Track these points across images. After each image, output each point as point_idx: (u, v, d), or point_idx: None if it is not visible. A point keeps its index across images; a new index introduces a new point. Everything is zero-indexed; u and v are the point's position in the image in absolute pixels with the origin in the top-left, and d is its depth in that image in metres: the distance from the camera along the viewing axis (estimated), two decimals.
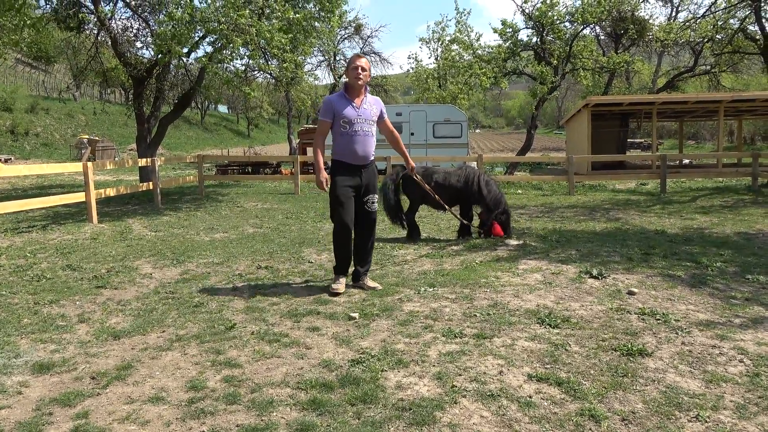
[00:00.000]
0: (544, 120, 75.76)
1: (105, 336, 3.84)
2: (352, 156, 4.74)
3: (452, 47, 21.00)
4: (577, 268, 5.51)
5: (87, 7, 12.97)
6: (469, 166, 7.67)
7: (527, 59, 19.66)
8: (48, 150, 29.73)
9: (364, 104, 4.76)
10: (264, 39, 11.06)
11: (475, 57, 18.83)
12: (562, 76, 18.84)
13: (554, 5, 17.59)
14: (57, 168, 10.35)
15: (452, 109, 20.53)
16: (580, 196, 12.87)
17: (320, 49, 29.35)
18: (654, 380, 3.02)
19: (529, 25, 18.68)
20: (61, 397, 2.92)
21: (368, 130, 4.79)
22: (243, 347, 3.58)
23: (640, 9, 22.45)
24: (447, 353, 3.42)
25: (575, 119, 21.23)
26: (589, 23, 18.57)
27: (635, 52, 25.43)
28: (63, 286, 5.19)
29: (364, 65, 4.75)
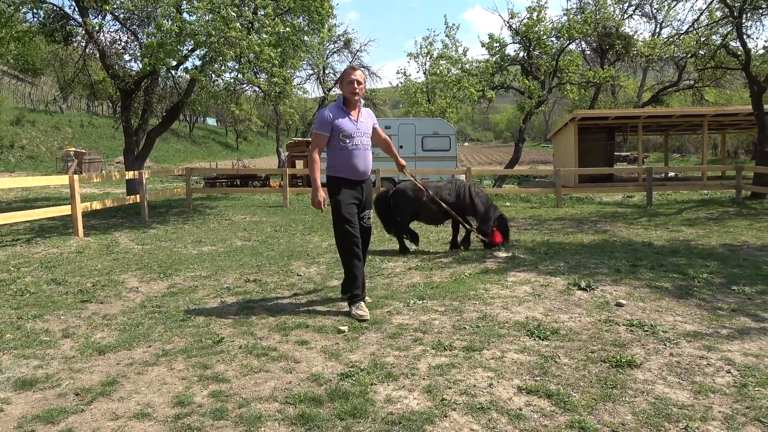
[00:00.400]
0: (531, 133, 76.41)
1: (90, 351, 3.78)
2: (353, 171, 4.57)
3: (440, 62, 21.19)
4: (565, 280, 5.53)
5: (75, 19, 12.96)
6: (458, 179, 7.74)
7: (514, 73, 19.89)
8: (34, 163, 29.44)
9: (360, 117, 4.62)
10: (254, 53, 11.09)
11: (462, 71, 19.01)
12: (549, 90, 19.07)
13: (540, 21, 17.85)
14: (43, 181, 10.24)
15: (441, 122, 20.65)
16: (568, 208, 12.97)
17: (309, 62, 29.46)
18: (643, 392, 3.03)
19: (516, 40, 18.93)
20: (44, 414, 2.86)
21: (367, 144, 4.65)
22: (231, 361, 3.54)
23: (624, 25, 22.84)
24: (437, 366, 3.41)
25: (562, 133, 21.45)
26: (574, 39, 18.87)
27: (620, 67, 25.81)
28: (47, 300, 5.11)
29: (360, 78, 4.59)
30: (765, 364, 3.36)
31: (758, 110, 13.70)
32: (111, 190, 19.33)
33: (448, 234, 8.84)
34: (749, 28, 14.88)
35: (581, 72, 19.70)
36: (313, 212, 11.86)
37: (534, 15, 17.75)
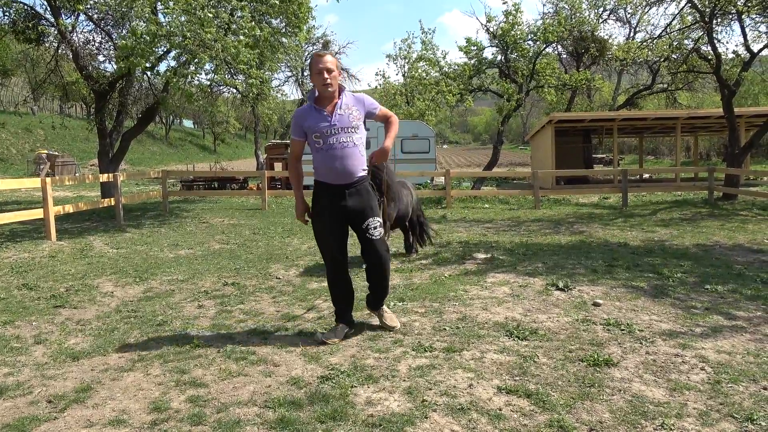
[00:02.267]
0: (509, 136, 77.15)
1: (63, 357, 3.69)
2: (331, 175, 3.87)
3: (419, 64, 21.27)
4: (543, 281, 5.58)
5: (47, 19, 12.70)
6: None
7: (492, 76, 20.05)
8: (4, 165, 28.71)
9: (338, 110, 3.82)
10: (230, 55, 10.99)
11: (441, 74, 19.11)
12: (527, 92, 19.27)
13: (516, 24, 18.03)
14: (13, 184, 9.99)
15: (420, 124, 20.74)
16: (546, 210, 13.11)
17: (288, 64, 29.32)
18: (620, 390, 3.06)
19: (494, 44, 19.08)
20: (15, 423, 2.78)
21: (347, 141, 3.82)
22: (209, 366, 3.49)
23: (599, 29, 23.24)
24: (417, 367, 3.41)
25: (540, 135, 21.70)
26: (550, 42, 19.09)
27: (596, 70, 26.26)
28: (18, 306, 4.98)
29: (330, 65, 3.77)
30: (737, 361, 3.43)
31: (729, 113, 14.02)
32: (85, 193, 18.95)
33: None
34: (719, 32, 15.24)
35: (558, 75, 19.96)
36: (292, 214, 11.79)
37: (510, 18, 17.92)
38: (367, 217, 3.89)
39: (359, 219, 3.89)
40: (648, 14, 23.61)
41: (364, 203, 3.91)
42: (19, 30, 12.74)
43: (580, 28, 21.28)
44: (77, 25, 13.11)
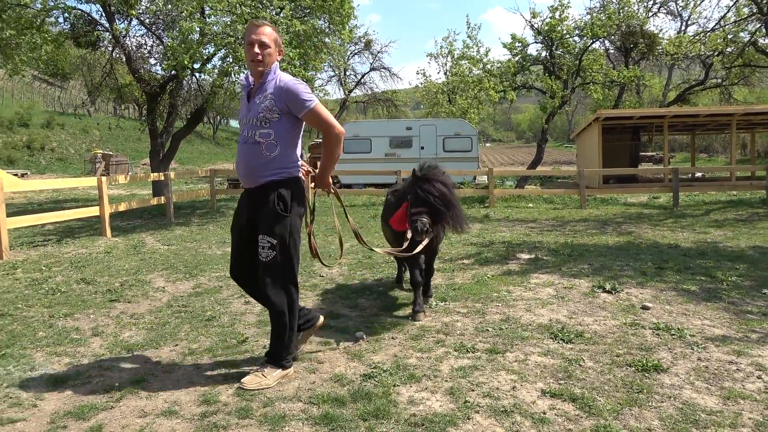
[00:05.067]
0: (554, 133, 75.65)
1: (118, 349, 3.86)
2: (238, 174, 3.35)
3: (461, 62, 21.12)
4: (589, 283, 5.47)
5: (102, 25, 13.24)
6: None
7: (537, 73, 19.71)
8: (63, 165, 30.12)
9: (256, 97, 3.20)
10: None
11: (484, 72, 18.91)
12: (572, 90, 18.85)
13: (563, 20, 17.66)
14: (72, 183, 10.50)
15: (462, 123, 20.60)
16: (592, 209, 12.81)
17: (330, 64, 29.63)
18: (670, 396, 2.98)
19: (539, 40, 18.76)
20: (76, 411, 2.93)
21: (250, 136, 3.18)
22: (255, 361, 3.58)
23: (649, 23, 22.48)
24: (459, 368, 3.40)
25: (586, 133, 21.19)
26: (598, 37, 18.62)
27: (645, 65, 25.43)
28: (77, 299, 5.23)
29: (265, 38, 3.14)
30: None
31: None
32: (137, 191, 19.68)
33: (470, 235, 8.82)
34: None
35: (605, 71, 19.44)
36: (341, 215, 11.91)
37: (556, 14, 17.56)
38: (259, 232, 3.21)
39: (253, 231, 3.26)
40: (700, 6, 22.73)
41: (263, 214, 3.20)
42: (77, 36, 13.35)
43: (628, 22, 20.62)
44: (130, 30, 13.64)
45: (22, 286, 5.80)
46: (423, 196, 4.15)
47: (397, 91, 36.17)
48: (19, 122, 30.96)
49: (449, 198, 4.22)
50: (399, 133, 20.30)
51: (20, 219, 8.24)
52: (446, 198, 4.20)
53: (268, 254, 3.19)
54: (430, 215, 4.15)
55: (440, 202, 4.17)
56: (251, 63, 3.16)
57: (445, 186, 4.24)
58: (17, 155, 28.44)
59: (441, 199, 4.17)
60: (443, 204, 4.18)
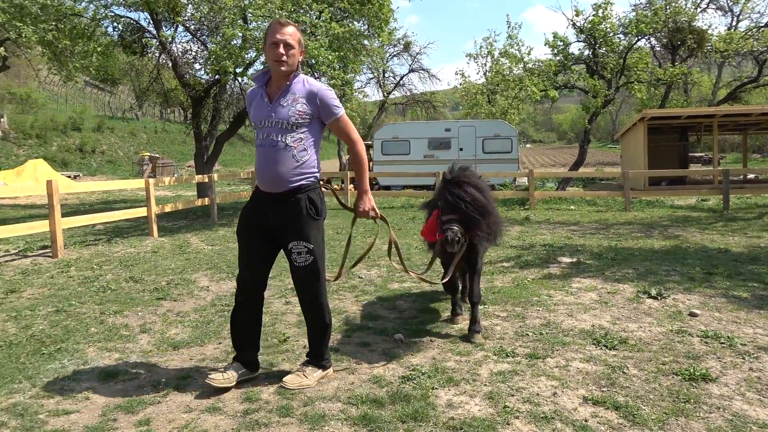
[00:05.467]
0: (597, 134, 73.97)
1: (165, 346, 4.00)
2: (259, 179, 3.21)
3: (501, 61, 20.89)
4: (634, 288, 5.33)
5: (150, 32, 13.69)
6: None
7: (579, 73, 19.31)
8: (112, 167, 31.28)
9: (281, 99, 3.11)
10: (312, 57, 11.36)
11: (525, 71, 18.64)
12: (616, 89, 18.38)
13: (606, 17, 17.24)
14: (121, 184, 10.89)
15: (502, 124, 20.38)
16: (637, 212, 12.46)
17: (369, 66, 29.78)
18: (719, 407, 2.88)
19: (581, 38, 18.37)
20: (125, 405, 3.05)
21: (280, 140, 3.09)
22: (295, 360, 3.64)
23: (697, 19, 21.70)
24: (499, 372, 3.38)
25: (630, 133, 20.64)
26: (643, 35, 18.10)
27: (693, 63, 24.54)
28: (126, 297, 5.43)
29: (290, 39, 3.06)
30: None
31: None
32: (182, 192, 20.25)
33: (510, 238, 8.72)
34: None
35: (650, 69, 18.87)
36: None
37: (600, 12, 17.16)
38: (292, 238, 3.15)
39: (283, 239, 3.20)
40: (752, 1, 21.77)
41: (290, 220, 3.15)
42: (126, 43, 13.86)
43: (675, 18, 19.96)
44: (176, 36, 14.05)
45: (76, 283, 6.06)
46: (453, 202, 3.73)
47: (436, 92, 36.08)
48: (72, 126, 32.33)
49: (483, 203, 3.78)
50: (438, 135, 20.24)
51: (74, 219, 8.62)
52: (480, 203, 3.76)
53: (306, 259, 3.17)
54: (461, 223, 3.71)
55: (473, 208, 3.72)
56: (275, 63, 3.05)
57: (478, 190, 3.81)
58: (70, 158, 29.70)
59: (474, 204, 3.73)
60: (477, 210, 3.74)
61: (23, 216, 12.57)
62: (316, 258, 3.21)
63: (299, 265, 3.20)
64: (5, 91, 33.06)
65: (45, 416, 2.93)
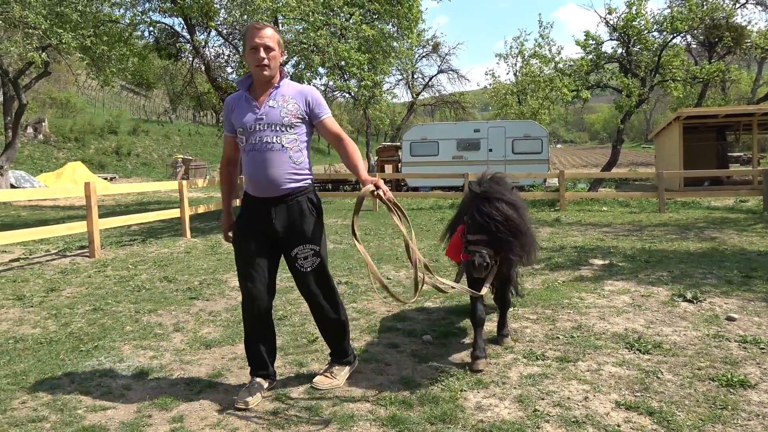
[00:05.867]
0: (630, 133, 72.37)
1: (198, 345, 4.08)
2: (253, 184, 3.11)
3: (532, 61, 20.65)
4: (669, 291, 5.21)
5: (184, 37, 14.00)
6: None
7: (612, 71, 18.95)
8: (147, 169, 32.06)
9: (269, 101, 3.07)
10: (342, 59, 11.43)
11: (556, 70, 18.39)
12: (651, 87, 17.97)
13: (640, 14, 16.88)
14: (155, 186, 11.15)
15: (532, 124, 20.15)
16: (672, 213, 12.16)
17: (398, 67, 29.81)
18: (758, 415, 2.79)
19: (614, 37, 18.03)
20: (159, 402, 3.12)
21: (274, 142, 3.04)
22: (324, 360, 3.67)
23: (736, 15, 21.06)
24: (528, 375, 3.34)
25: (665, 132, 20.16)
26: (679, 32, 17.66)
27: (731, 60, 23.83)
28: (160, 296, 5.56)
29: (269, 41, 2.99)
30: None
31: None
32: (214, 194, 20.61)
33: (540, 239, 8.60)
34: None
35: (686, 67, 18.40)
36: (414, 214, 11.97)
37: (633, 9, 16.81)
38: (297, 243, 3.09)
39: (286, 245, 3.11)
40: None
41: (294, 224, 3.09)
42: (160, 48, 14.20)
43: (712, 15, 19.42)
44: (209, 41, 14.33)
45: (112, 282, 6.23)
46: (481, 221, 3.26)
47: (465, 92, 35.90)
48: (109, 129, 33.28)
49: (517, 224, 3.29)
50: (467, 136, 20.12)
51: (110, 220, 8.86)
52: (513, 224, 3.27)
53: (314, 262, 3.14)
54: (491, 245, 3.27)
55: (505, 228, 3.24)
56: (257, 68, 3.00)
57: (512, 206, 3.31)
58: (107, 160, 30.56)
59: (506, 224, 3.24)
60: (509, 232, 3.26)
61: (62, 217, 12.99)
62: (323, 259, 3.19)
63: (306, 271, 3.14)
64: (46, 96, 34.23)
65: (83, 411, 3.03)
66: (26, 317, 4.90)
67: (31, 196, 9.90)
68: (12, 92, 13.22)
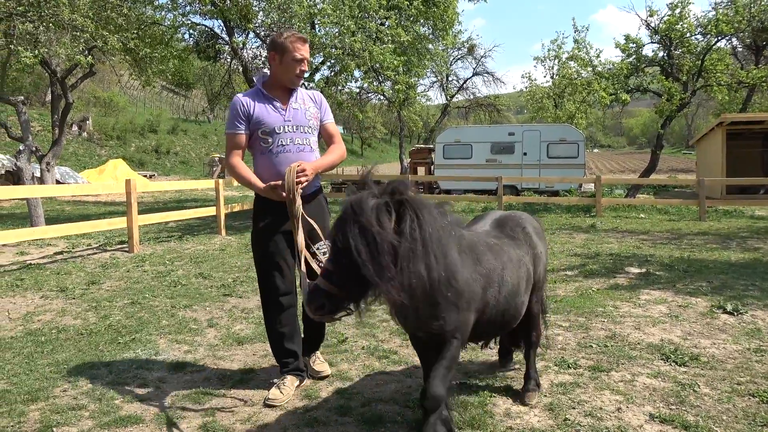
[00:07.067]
0: (671, 139, 70.44)
1: (230, 341, 4.16)
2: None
3: (569, 64, 20.31)
4: (708, 302, 5.06)
5: (223, 38, 14.29)
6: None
7: (652, 75, 18.48)
8: (185, 167, 32.81)
9: (293, 103, 3.17)
10: (378, 62, 11.49)
11: (594, 74, 18.05)
12: (693, 92, 17.45)
13: (683, 17, 16.43)
14: (192, 184, 11.42)
15: (568, 128, 19.82)
16: (713, 222, 11.79)
17: (433, 70, 29.72)
18: None
19: (655, 40, 17.58)
20: (193, 395, 3.20)
21: (303, 143, 3.16)
22: (354, 361, 3.70)
23: None
24: (559, 384, 3.30)
25: (707, 138, 19.57)
26: (724, 35, 17.11)
27: None
28: (195, 292, 5.69)
29: (308, 55, 3.17)
30: None
31: None
32: (249, 193, 20.96)
33: (574, 245, 8.48)
34: None
35: (731, 71, 17.79)
36: None
37: (676, 11, 16.36)
38: (317, 240, 3.04)
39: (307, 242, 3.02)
40: None
41: (316, 221, 3.05)
42: (200, 49, 14.54)
43: (761, 17, 18.73)
44: (247, 42, 14.58)
45: (149, 277, 6.40)
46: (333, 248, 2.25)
47: (500, 95, 35.53)
48: (149, 128, 34.22)
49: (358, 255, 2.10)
50: (501, 139, 19.93)
51: (149, 217, 9.11)
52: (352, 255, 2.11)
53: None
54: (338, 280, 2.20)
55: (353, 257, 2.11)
56: (296, 78, 3.14)
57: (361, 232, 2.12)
58: (147, 158, 31.41)
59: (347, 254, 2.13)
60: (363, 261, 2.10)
61: (104, 212, 13.42)
62: None
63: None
64: (91, 95, 35.39)
65: (120, 402, 3.12)
66: (68, 308, 5.08)
67: (75, 192, 10.24)
68: (59, 91, 13.71)
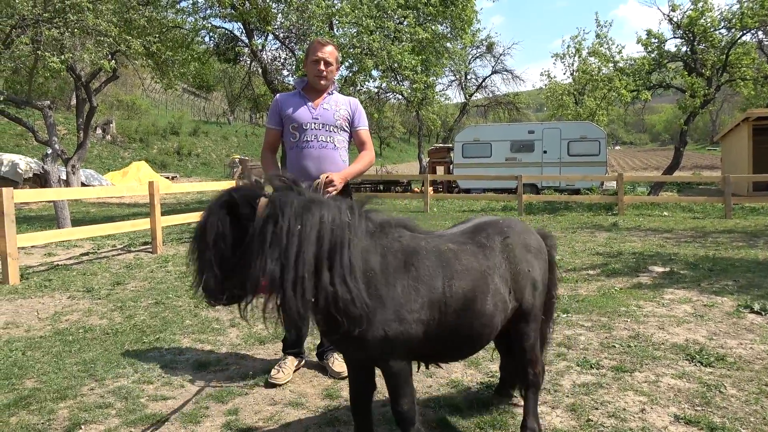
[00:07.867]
0: (694, 135, 69.21)
1: (252, 341, 4.20)
2: (306, 178, 3.04)
3: (590, 60, 20.07)
4: (734, 301, 4.96)
5: (242, 41, 14.45)
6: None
7: (675, 70, 18.17)
8: (206, 169, 33.20)
9: (324, 104, 3.40)
10: (396, 61, 11.51)
11: (615, 70, 17.81)
12: (717, 87, 17.12)
13: (706, 11, 16.12)
14: (213, 186, 11.54)
15: (589, 125, 19.60)
16: (739, 219, 11.55)
17: (451, 68, 29.63)
18: None
19: (678, 34, 17.29)
20: (216, 394, 3.24)
21: (328, 141, 3.35)
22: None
23: None
24: (582, 384, 3.27)
25: (733, 134, 19.19)
26: (749, 28, 16.74)
27: None
28: None
29: (329, 57, 3.33)
30: None
31: None
32: None
33: (596, 244, 8.38)
34: None
35: (757, 65, 17.41)
36: (454, 218, 11.90)
37: (699, 5, 16.07)
38: None
39: None
40: None
41: None
42: (221, 51, 14.72)
43: None
44: (266, 45, 14.74)
45: (173, 278, 6.50)
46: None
47: (520, 93, 35.28)
48: (171, 131, 34.71)
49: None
50: (520, 137, 19.78)
51: (171, 218, 9.25)
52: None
53: None
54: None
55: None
56: (314, 78, 3.36)
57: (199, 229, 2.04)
58: (169, 160, 31.86)
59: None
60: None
61: (127, 214, 13.65)
62: None
63: None
64: (114, 99, 36.04)
65: (145, 400, 3.18)
66: (94, 308, 5.18)
67: (99, 194, 10.46)
68: (84, 95, 14.00)
